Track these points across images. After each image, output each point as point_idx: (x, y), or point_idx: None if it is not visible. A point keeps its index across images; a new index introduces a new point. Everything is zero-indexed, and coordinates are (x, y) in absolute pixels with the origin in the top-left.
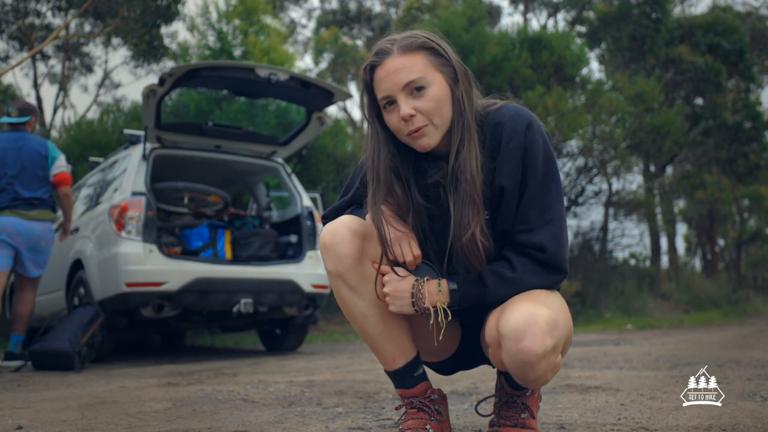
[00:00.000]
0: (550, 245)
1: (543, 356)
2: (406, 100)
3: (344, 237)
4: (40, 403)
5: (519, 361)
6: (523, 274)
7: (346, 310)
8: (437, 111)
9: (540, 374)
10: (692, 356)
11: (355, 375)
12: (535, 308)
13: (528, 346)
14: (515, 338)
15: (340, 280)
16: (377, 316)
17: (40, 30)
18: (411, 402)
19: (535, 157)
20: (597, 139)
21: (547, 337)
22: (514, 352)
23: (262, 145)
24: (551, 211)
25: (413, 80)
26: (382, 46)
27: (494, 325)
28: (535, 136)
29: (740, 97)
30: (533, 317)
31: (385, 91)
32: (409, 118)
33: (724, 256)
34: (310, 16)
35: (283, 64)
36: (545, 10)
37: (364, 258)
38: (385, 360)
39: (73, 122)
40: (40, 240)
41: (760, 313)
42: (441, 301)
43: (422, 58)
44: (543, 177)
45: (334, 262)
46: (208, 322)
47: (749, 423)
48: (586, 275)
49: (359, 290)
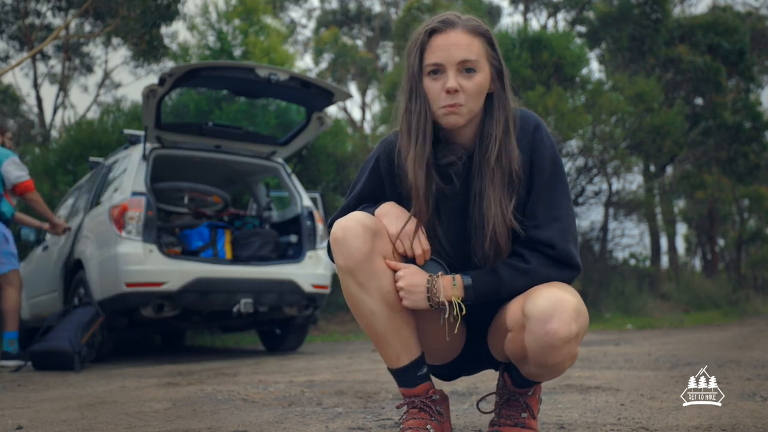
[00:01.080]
0: (559, 241)
1: (567, 341)
2: (455, 76)
3: (356, 232)
4: (40, 403)
5: (544, 344)
6: (538, 266)
7: (353, 306)
8: (477, 96)
9: (560, 359)
10: (692, 356)
11: (355, 375)
12: (563, 294)
13: (555, 329)
14: (542, 320)
15: (350, 276)
16: (385, 313)
17: (40, 30)
18: (413, 402)
19: (542, 157)
20: (597, 139)
21: (573, 322)
22: (540, 334)
23: (262, 145)
24: (558, 208)
25: (469, 60)
26: (448, 17)
27: (518, 309)
28: (543, 137)
29: (740, 97)
30: (561, 301)
31: (439, 58)
32: (454, 92)
33: (724, 256)
34: (310, 16)
35: (283, 64)
36: (545, 10)
37: (374, 254)
38: (390, 358)
39: (73, 122)
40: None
41: (760, 313)
42: (456, 296)
43: (482, 45)
44: (550, 176)
45: (344, 257)
46: (208, 322)
47: (749, 423)
48: (586, 275)
49: (368, 287)
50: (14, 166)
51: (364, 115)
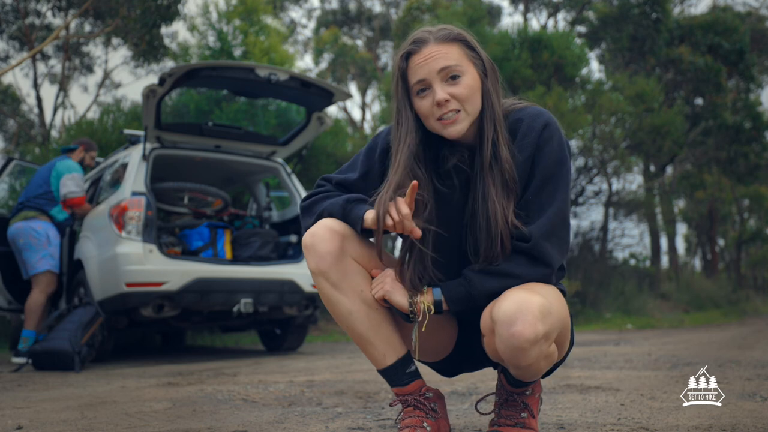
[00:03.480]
0: (536, 236)
1: (534, 342)
2: (442, 86)
3: (324, 236)
4: (40, 403)
5: (511, 347)
6: (507, 266)
7: (331, 308)
8: (470, 99)
9: (532, 361)
10: (692, 356)
11: (355, 375)
12: (528, 295)
13: (519, 331)
14: (507, 323)
15: (323, 278)
16: (362, 311)
17: (40, 30)
18: (406, 400)
19: (545, 156)
20: (597, 139)
21: (538, 323)
22: (506, 337)
23: (262, 145)
24: (550, 209)
25: (449, 66)
26: (419, 36)
27: (488, 314)
28: (550, 136)
29: (740, 97)
30: (525, 303)
31: (421, 75)
32: (444, 102)
33: (724, 256)
34: (310, 16)
35: (283, 64)
36: (545, 10)
37: (344, 256)
38: (376, 358)
39: (73, 122)
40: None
41: (760, 313)
42: (427, 300)
43: (458, 49)
44: (549, 177)
45: (315, 261)
46: (208, 322)
47: (749, 423)
48: (586, 275)
49: (341, 287)
50: (72, 182)
51: (364, 115)
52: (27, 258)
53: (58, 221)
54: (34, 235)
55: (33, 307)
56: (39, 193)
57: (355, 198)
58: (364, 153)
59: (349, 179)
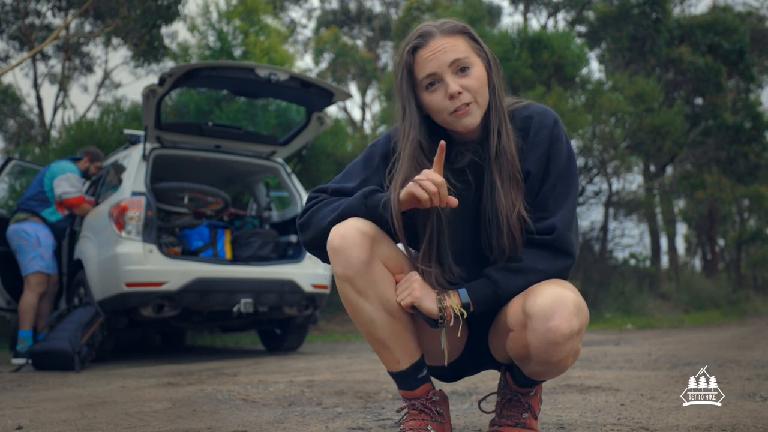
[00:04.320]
0: (560, 226)
1: (570, 337)
2: (453, 78)
3: (354, 240)
4: (40, 403)
5: (546, 341)
6: (530, 262)
7: (353, 314)
8: (481, 90)
9: (564, 356)
10: (692, 356)
11: (355, 375)
12: (562, 290)
13: (557, 325)
14: (544, 317)
15: (348, 284)
16: (384, 319)
17: (40, 30)
18: (413, 404)
19: (559, 151)
20: (597, 139)
21: (574, 318)
22: (542, 331)
23: (262, 145)
24: (566, 202)
25: (460, 58)
26: (425, 29)
27: (519, 308)
28: (561, 132)
29: (740, 97)
30: (561, 298)
31: (431, 69)
32: (457, 95)
33: (724, 256)
34: (310, 16)
35: (283, 64)
36: (545, 10)
37: (373, 261)
38: (390, 362)
39: (73, 122)
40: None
41: (760, 313)
42: (455, 304)
43: (464, 41)
44: (564, 171)
45: (343, 266)
46: (208, 322)
47: (749, 423)
48: (586, 275)
49: (367, 294)
50: (66, 182)
51: (364, 115)
52: (20, 260)
53: (50, 223)
54: (25, 236)
55: (25, 308)
56: (31, 195)
57: (370, 190)
58: (360, 161)
59: (346, 188)
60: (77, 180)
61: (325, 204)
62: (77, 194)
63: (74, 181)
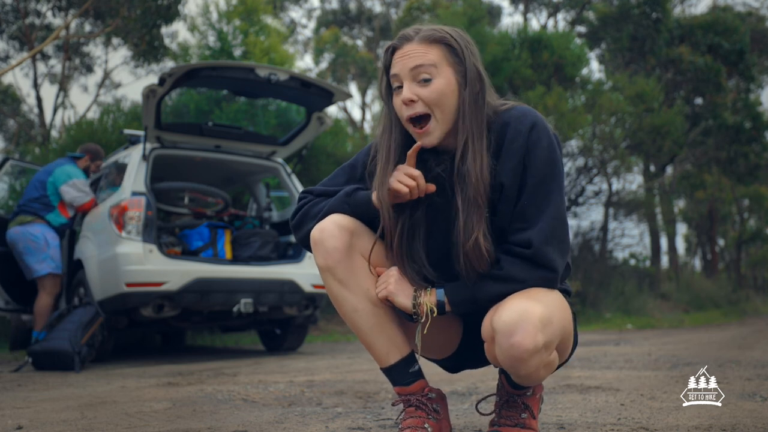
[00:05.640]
0: (537, 241)
1: (534, 352)
2: (410, 85)
3: (332, 232)
4: (40, 403)
5: (510, 357)
6: (510, 269)
7: (337, 305)
8: (438, 103)
9: (532, 371)
10: (692, 356)
11: (355, 375)
12: (529, 305)
13: (519, 342)
14: (507, 333)
15: (330, 274)
16: (368, 309)
17: (40, 30)
18: (408, 400)
19: (537, 158)
20: (597, 139)
21: (539, 333)
22: (505, 348)
23: (262, 145)
24: (547, 211)
25: (422, 66)
26: (406, 32)
27: (489, 321)
28: (539, 137)
29: (740, 97)
30: (525, 313)
31: (395, 71)
32: (409, 102)
33: (724, 256)
34: (310, 16)
35: (283, 64)
36: (545, 10)
37: (353, 252)
38: (379, 356)
39: (73, 122)
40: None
41: (760, 313)
42: (430, 302)
43: (438, 51)
44: (542, 178)
45: (323, 257)
46: (208, 322)
47: (749, 423)
48: (586, 275)
49: (349, 284)
50: (73, 189)
51: (364, 115)
52: (28, 262)
53: (54, 226)
54: (32, 239)
55: (40, 310)
56: (35, 198)
57: (353, 189)
58: (346, 166)
59: (331, 191)
60: (83, 184)
61: (313, 205)
62: (87, 197)
63: (81, 186)
